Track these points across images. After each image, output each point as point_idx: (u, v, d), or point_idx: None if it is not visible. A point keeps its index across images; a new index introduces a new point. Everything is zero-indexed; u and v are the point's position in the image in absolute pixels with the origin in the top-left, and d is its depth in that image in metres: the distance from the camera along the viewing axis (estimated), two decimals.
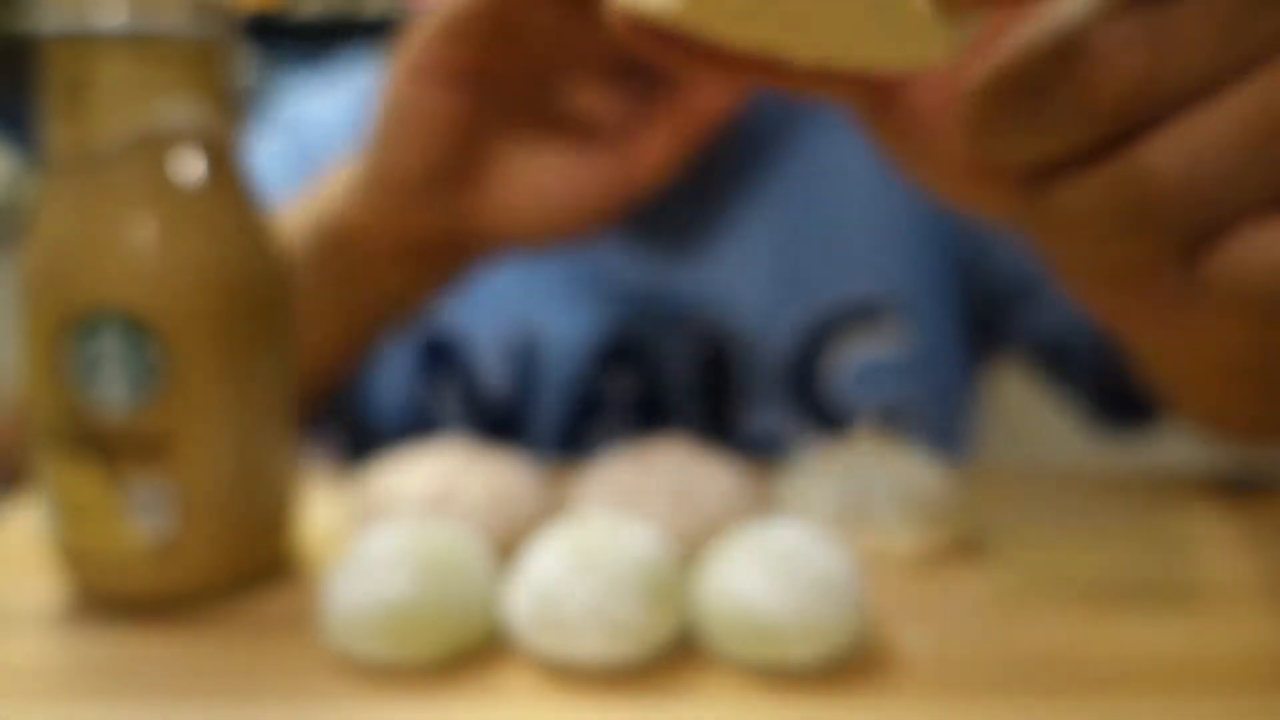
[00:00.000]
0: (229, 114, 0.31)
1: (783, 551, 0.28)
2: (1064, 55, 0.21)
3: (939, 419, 0.58)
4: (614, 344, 0.56)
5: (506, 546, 0.34)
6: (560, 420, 0.56)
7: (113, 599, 0.31)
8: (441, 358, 0.57)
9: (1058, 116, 0.21)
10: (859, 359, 0.55)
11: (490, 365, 0.57)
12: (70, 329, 0.30)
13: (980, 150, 0.23)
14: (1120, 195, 0.21)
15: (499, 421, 0.57)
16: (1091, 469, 0.46)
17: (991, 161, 0.23)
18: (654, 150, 0.40)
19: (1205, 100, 0.20)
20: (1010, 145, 0.22)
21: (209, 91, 0.31)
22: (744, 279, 0.55)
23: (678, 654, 0.28)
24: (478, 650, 0.28)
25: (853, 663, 0.28)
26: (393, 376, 0.58)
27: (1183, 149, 0.20)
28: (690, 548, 0.33)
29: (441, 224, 0.41)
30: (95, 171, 0.30)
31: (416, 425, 0.57)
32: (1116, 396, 0.55)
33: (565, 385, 0.56)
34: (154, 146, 0.30)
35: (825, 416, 0.55)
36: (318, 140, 0.61)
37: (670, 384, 0.55)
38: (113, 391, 0.30)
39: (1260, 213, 0.20)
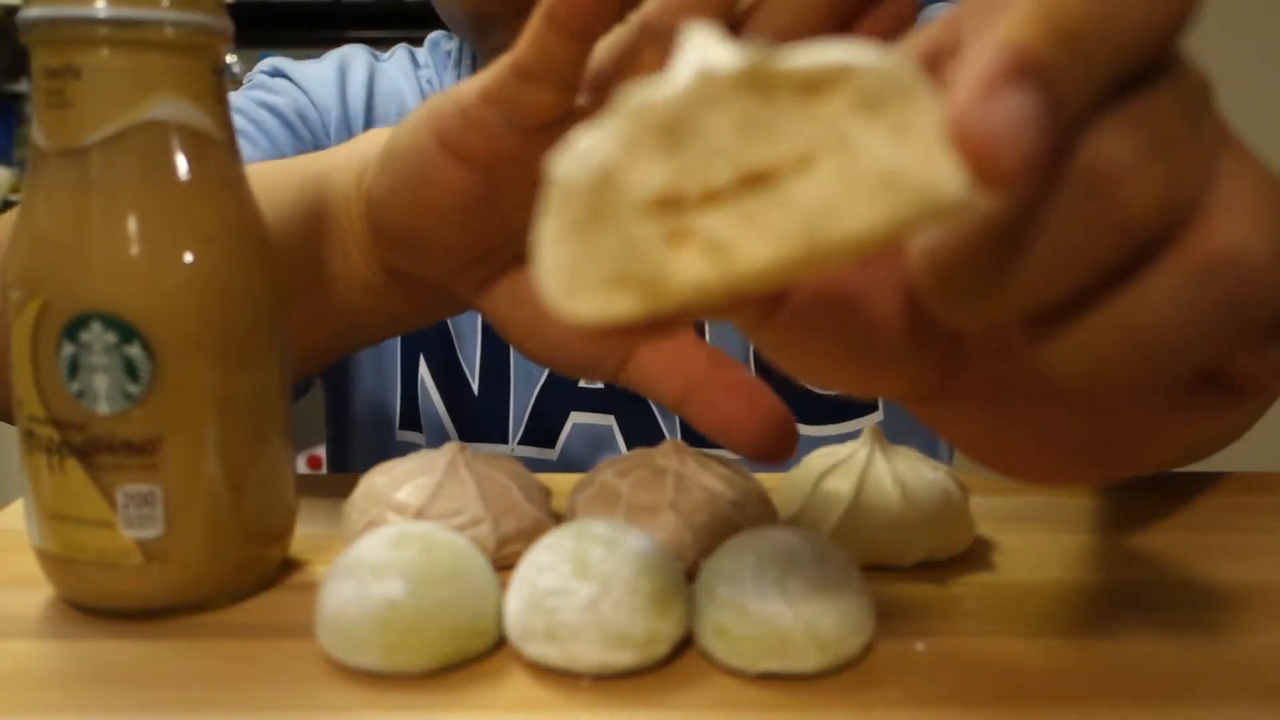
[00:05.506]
0: (220, 106, 0.30)
1: (786, 556, 0.27)
2: (1057, 191, 0.17)
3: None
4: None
5: (503, 552, 0.33)
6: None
7: (101, 605, 0.31)
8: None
9: (1048, 262, 0.18)
10: None
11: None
12: (55, 329, 0.29)
13: (947, 315, 0.19)
14: (1122, 341, 0.18)
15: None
16: None
17: (958, 324, 0.19)
18: None
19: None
20: (984, 304, 0.18)
21: (199, 83, 0.30)
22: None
23: (679, 661, 0.28)
24: (474, 658, 0.28)
25: (854, 667, 0.27)
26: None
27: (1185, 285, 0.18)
28: (691, 553, 0.32)
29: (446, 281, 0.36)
30: (81, 166, 0.29)
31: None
32: None
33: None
34: (142, 140, 0.29)
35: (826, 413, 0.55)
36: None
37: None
38: (98, 393, 0.29)
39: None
